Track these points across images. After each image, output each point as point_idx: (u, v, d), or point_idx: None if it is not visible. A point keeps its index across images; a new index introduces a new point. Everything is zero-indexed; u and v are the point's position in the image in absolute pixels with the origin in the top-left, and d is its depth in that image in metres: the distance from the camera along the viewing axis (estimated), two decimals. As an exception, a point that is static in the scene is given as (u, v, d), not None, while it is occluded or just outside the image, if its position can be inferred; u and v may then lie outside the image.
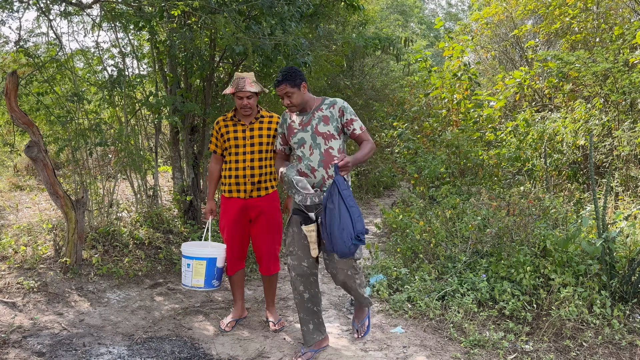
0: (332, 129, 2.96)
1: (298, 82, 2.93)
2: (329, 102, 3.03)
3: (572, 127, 6.48)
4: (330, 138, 2.96)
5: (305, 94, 2.99)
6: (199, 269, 3.24)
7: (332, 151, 2.95)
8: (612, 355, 3.09)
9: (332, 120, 2.98)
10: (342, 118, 3.02)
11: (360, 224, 2.75)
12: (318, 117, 2.98)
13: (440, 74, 7.87)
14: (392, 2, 18.36)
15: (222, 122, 3.42)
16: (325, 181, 2.95)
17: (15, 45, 4.57)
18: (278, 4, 4.44)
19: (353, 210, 2.74)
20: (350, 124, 3.03)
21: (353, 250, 2.77)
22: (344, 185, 2.77)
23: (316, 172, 2.95)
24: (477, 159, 6.86)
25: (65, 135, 5.00)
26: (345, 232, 2.72)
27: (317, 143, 2.95)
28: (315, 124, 2.97)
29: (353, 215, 2.73)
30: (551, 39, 9.80)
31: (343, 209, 2.73)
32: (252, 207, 3.37)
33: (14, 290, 3.75)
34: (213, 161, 3.52)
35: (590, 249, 3.65)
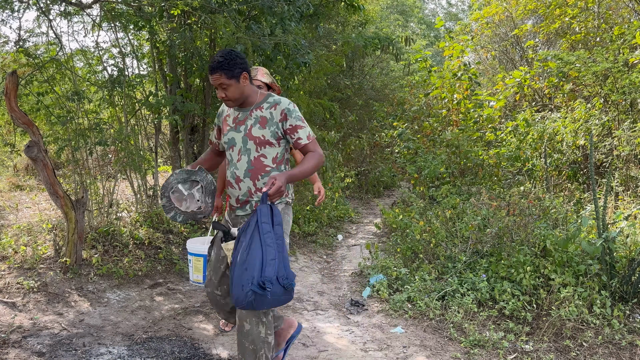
0: (268, 134, 2.41)
1: (237, 73, 2.36)
2: (272, 102, 2.46)
3: (572, 127, 6.47)
4: (264, 144, 2.41)
5: (245, 86, 2.42)
6: (198, 265, 3.25)
7: (265, 160, 2.42)
8: (612, 355, 3.09)
9: (270, 124, 2.42)
10: (285, 123, 2.43)
11: (270, 269, 2.13)
12: (255, 118, 2.44)
13: (440, 73, 7.88)
14: (392, 2, 18.35)
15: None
16: (252, 195, 2.43)
17: (15, 45, 4.56)
18: (278, 4, 4.44)
19: (268, 250, 2.16)
20: (294, 131, 2.43)
21: (250, 298, 2.12)
22: (266, 217, 2.21)
23: (241, 183, 2.42)
24: (477, 159, 6.86)
25: (65, 135, 5.00)
26: (247, 274, 2.13)
27: (247, 148, 2.42)
28: (249, 125, 2.44)
29: (266, 256, 2.15)
30: (551, 39, 9.80)
31: (256, 245, 2.17)
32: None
33: (14, 290, 3.75)
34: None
35: (591, 249, 3.65)
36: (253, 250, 2.17)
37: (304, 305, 3.98)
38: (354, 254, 5.51)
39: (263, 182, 2.42)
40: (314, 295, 4.22)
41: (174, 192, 2.46)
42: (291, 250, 5.42)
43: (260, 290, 2.10)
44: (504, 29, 10.57)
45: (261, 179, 2.43)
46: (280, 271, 2.18)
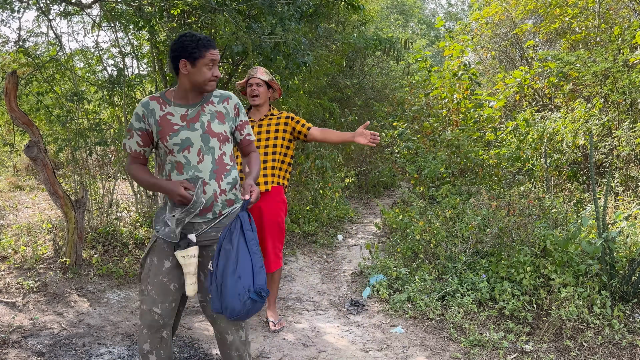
0: (227, 129, 2.28)
1: (175, 63, 2.21)
2: (221, 95, 2.33)
3: (572, 127, 6.47)
4: (225, 141, 2.27)
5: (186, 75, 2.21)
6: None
7: (225, 158, 2.26)
8: (612, 355, 3.08)
9: (228, 118, 2.30)
10: (237, 118, 2.35)
11: (261, 277, 2.08)
12: (210, 112, 2.26)
13: (440, 73, 7.87)
14: (392, 2, 18.34)
15: None
16: (217, 198, 2.21)
17: (15, 45, 4.56)
18: (278, 4, 4.44)
19: (255, 257, 2.10)
20: (244, 126, 2.37)
21: (248, 307, 2.05)
22: (248, 225, 2.13)
23: (207, 186, 2.19)
24: (477, 158, 6.86)
25: (65, 135, 5.00)
26: (242, 283, 2.04)
27: (211, 147, 2.21)
28: (207, 121, 2.23)
29: (255, 263, 2.08)
30: (551, 39, 9.80)
31: (243, 252, 2.08)
32: (255, 206, 3.32)
33: (13, 290, 3.75)
34: None
35: (591, 249, 3.65)
36: (242, 258, 2.08)
37: (304, 305, 3.98)
38: (354, 254, 5.51)
39: (226, 182, 2.23)
40: (314, 295, 4.22)
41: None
42: (291, 250, 5.42)
43: (259, 298, 2.06)
44: (504, 29, 10.57)
45: (224, 179, 2.23)
46: (261, 278, 2.12)
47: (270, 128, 3.36)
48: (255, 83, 3.32)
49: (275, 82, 3.43)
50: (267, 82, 3.38)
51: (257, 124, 3.37)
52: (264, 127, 3.36)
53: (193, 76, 2.18)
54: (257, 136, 3.35)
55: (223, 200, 2.23)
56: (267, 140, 3.34)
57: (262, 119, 3.39)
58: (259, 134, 3.35)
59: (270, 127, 3.36)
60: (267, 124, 3.37)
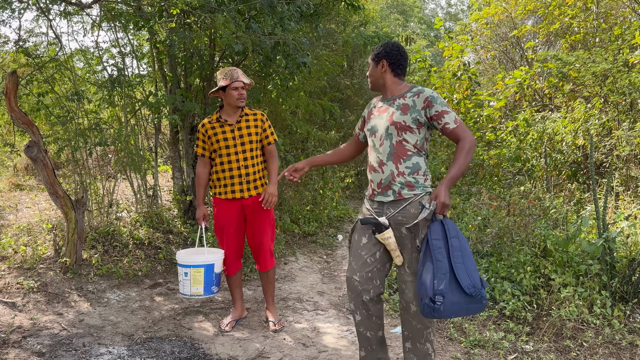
0: (409, 120, 2.53)
1: (376, 59, 2.62)
2: (415, 91, 2.57)
3: (572, 127, 6.47)
4: (405, 130, 2.54)
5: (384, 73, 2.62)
6: (197, 277, 3.22)
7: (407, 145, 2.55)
8: (612, 356, 3.08)
9: (412, 110, 2.55)
10: (429, 110, 2.57)
11: (442, 283, 2.26)
12: (397, 105, 2.57)
13: (440, 74, 7.87)
14: (392, 2, 18.35)
15: (208, 125, 3.38)
16: (394, 179, 2.51)
17: (15, 45, 4.56)
18: (278, 4, 4.44)
19: (440, 265, 2.30)
20: (441, 117, 2.58)
21: (428, 311, 2.28)
22: (436, 234, 2.36)
23: (384, 166, 2.55)
24: (477, 159, 6.86)
25: (65, 135, 5.00)
26: (422, 288, 2.30)
27: (389, 133, 2.54)
28: (392, 112, 2.58)
29: (439, 271, 2.29)
30: (551, 39, 9.81)
31: (428, 261, 2.34)
32: (247, 205, 3.38)
33: (13, 290, 3.75)
34: (200, 165, 3.47)
35: (591, 249, 3.65)
36: (426, 267, 2.32)
37: (304, 305, 3.98)
38: (354, 254, 5.50)
39: (405, 166, 2.48)
40: (314, 295, 4.22)
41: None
42: (291, 250, 5.42)
43: (431, 304, 2.25)
44: (504, 29, 10.57)
45: (403, 162, 2.49)
46: (463, 280, 2.29)
47: (250, 130, 3.37)
48: (241, 87, 3.29)
49: (252, 82, 3.43)
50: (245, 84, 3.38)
51: (237, 127, 3.35)
52: (244, 130, 3.36)
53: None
54: (240, 139, 3.33)
55: (401, 182, 2.49)
56: (251, 144, 3.36)
57: (239, 120, 3.37)
58: (240, 137, 3.34)
59: (250, 128, 3.37)
60: (245, 126, 3.37)
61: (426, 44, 16.16)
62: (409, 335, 2.57)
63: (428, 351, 2.56)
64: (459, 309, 2.29)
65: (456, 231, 2.37)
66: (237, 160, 3.33)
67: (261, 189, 3.40)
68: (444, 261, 2.31)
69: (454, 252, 2.32)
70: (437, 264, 2.30)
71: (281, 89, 5.60)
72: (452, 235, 2.35)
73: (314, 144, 7.33)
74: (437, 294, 2.24)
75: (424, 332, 2.54)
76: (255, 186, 3.38)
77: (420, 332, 2.54)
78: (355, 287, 2.58)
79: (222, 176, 3.37)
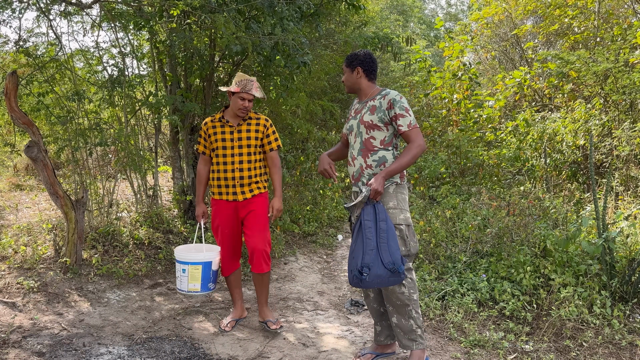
0: (376, 119, 2.83)
1: (352, 66, 2.90)
2: (383, 93, 2.89)
3: (572, 127, 6.47)
4: (372, 128, 2.86)
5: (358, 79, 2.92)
6: (195, 274, 3.24)
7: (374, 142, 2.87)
8: (612, 355, 3.09)
9: (378, 111, 2.86)
10: (391, 111, 2.88)
11: (368, 257, 2.63)
12: (368, 107, 2.88)
13: (440, 74, 7.87)
14: (392, 2, 18.35)
15: (210, 123, 3.40)
16: (363, 171, 2.85)
17: (15, 45, 4.56)
18: (278, 4, 4.44)
19: (368, 242, 2.65)
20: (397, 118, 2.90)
21: (356, 282, 2.67)
22: (368, 216, 2.69)
23: (355, 160, 2.90)
24: (477, 159, 6.86)
25: (65, 135, 5.00)
26: (353, 262, 2.68)
27: (360, 131, 2.88)
28: (363, 113, 2.90)
29: (366, 247, 2.65)
30: (551, 39, 9.81)
31: (359, 239, 2.69)
32: (242, 207, 3.38)
33: (14, 290, 3.75)
34: (201, 163, 3.50)
35: (591, 249, 3.65)
36: (357, 243, 2.68)
37: (304, 305, 3.98)
38: (354, 254, 5.50)
39: (372, 159, 2.80)
40: (314, 295, 4.22)
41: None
42: (291, 250, 5.42)
43: (359, 275, 2.62)
44: (504, 29, 10.57)
45: (370, 156, 2.81)
46: (385, 257, 2.61)
47: (250, 134, 3.35)
48: (248, 99, 3.28)
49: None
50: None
51: (237, 130, 3.34)
52: (244, 133, 3.34)
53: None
54: (238, 142, 3.33)
55: (369, 173, 2.81)
56: (249, 148, 3.34)
57: (241, 123, 3.36)
58: (239, 140, 3.33)
59: (250, 132, 3.35)
60: (246, 129, 3.35)
61: (426, 44, 16.16)
62: (393, 310, 2.85)
63: (412, 327, 2.82)
64: (380, 281, 2.64)
65: (385, 215, 2.70)
66: (233, 162, 3.33)
67: (257, 191, 3.39)
68: (372, 239, 2.65)
69: (381, 234, 2.65)
70: (367, 241, 2.65)
71: (281, 89, 5.60)
72: (381, 219, 2.68)
73: (314, 144, 7.34)
74: (364, 266, 2.61)
75: (405, 309, 2.80)
76: (251, 189, 3.37)
77: (402, 308, 2.80)
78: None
79: (217, 176, 3.38)
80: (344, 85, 2.98)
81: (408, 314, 2.80)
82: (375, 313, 3.01)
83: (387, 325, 3.01)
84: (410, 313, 2.80)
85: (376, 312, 3.01)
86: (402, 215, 2.79)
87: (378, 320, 3.02)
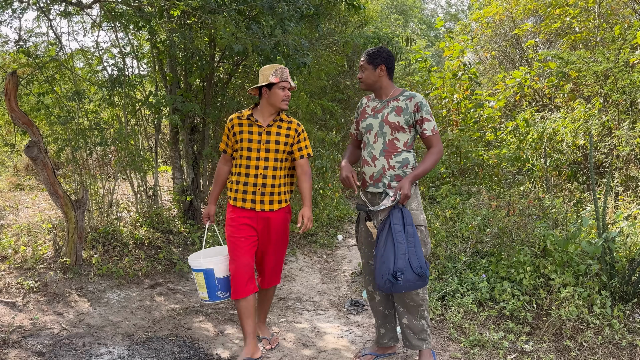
0: (402, 121, 2.79)
1: (375, 63, 2.82)
2: (407, 95, 2.85)
3: (572, 127, 6.47)
4: (397, 129, 2.81)
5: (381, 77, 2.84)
6: (200, 282, 3.03)
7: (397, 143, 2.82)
8: (612, 355, 3.09)
9: (405, 113, 2.81)
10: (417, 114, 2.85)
11: (401, 262, 2.59)
12: (392, 107, 2.82)
13: (440, 74, 7.88)
14: (392, 2, 18.36)
15: (237, 120, 3.00)
16: (385, 172, 2.79)
17: (15, 45, 4.56)
18: (278, 4, 4.44)
19: (400, 246, 2.62)
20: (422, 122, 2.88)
21: (388, 285, 2.61)
22: (397, 220, 2.67)
23: (376, 161, 2.82)
24: (477, 159, 6.86)
25: (65, 135, 5.00)
26: (384, 267, 2.62)
27: (383, 132, 2.81)
28: (386, 113, 2.83)
29: (398, 251, 2.61)
30: (551, 39, 9.81)
31: (389, 242, 2.65)
32: (262, 219, 2.98)
33: (14, 290, 3.75)
34: (221, 161, 3.14)
35: (591, 249, 3.65)
36: (388, 247, 2.64)
37: (304, 305, 3.98)
38: (354, 254, 5.51)
39: (395, 160, 2.77)
40: (314, 295, 4.22)
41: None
42: (291, 250, 5.42)
43: (394, 280, 2.59)
44: (504, 29, 10.57)
45: (394, 157, 2.78)
46: (414, 262, 2.61)
47: (280, 138, 2.96)
48: (288, 87, 2.96)
49: (294, 88, 3.09)
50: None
51: (266, 131, 2.95)
52: (273, 136, 2.95)
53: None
54: (266, 145, 2.94)
55: (391, 175, 2.78)
56: (277, 153, 2.95)
57: (271, 124, 2.97)
58: (267, 143, 2.94)
59: (280, 136, 2.96)
60: (276, 132, 2.97)
61: (426, 44, 16.16)
62: (404, 311, 2.84)
63: (423, 327, 2.83)
64: (409, 285, 2.63)
65: (411, 219, 2.70)
66: (257, 167, 2.94)
67: (277, 205, 2.99)
68: (403, 243, 2.64)
69: (409, 238, 2.65)
70: (398, 245, 2.62)
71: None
72: (408, 223, 2.67)
73: (314, 144, 7.33)
74: (398, 271, 2.58)
75: (417, 310, 2.81)
76: (271, 201, 2.97)
77: (415, 309, 2.81)
78: (372, 270, 2.89)
79: (236, 180, 2.99)
80: (360, 81, 2.89)
81: (420, 314, 2.82)
82: (381, 316, 3.01)
83: (392, 327, 3.02)
84: (422, 313, 2.82)
85: (382, 314, 3.00)
86: (422, 216, 2.81)
87: (382, 322, 3.01)
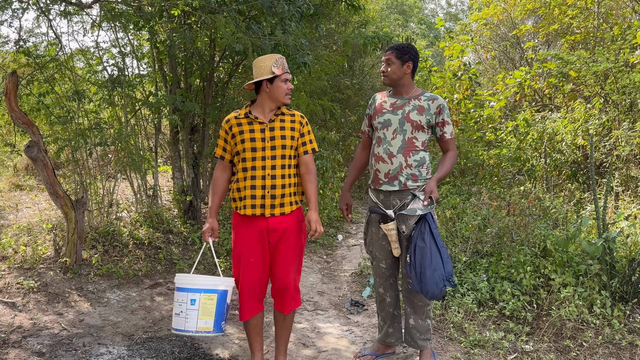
0: (424, 120, 2.79)
1: (404, 59, 2.80)
2: (429, 96, 2.86)
3: (572, 127, 6.48)
4: (418, 129, 2.80)
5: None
6: (208, 306, 2.47)
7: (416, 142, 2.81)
8: (612, 355, 3.09)
9: (427, 113, 2.80)
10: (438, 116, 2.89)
11: (449, 265, 2.64)
12: (413, 105, 2.81)
13: (441, 74, 7.88)
14: (392, 2, 18.36)
15: (234, 120, 2.68)
16: (402, 170, 2.77)
17: (15, 45, 4.56)
18: (278, 4, 4.44)
19: (443, 250, 2.65)
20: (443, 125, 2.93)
21: (444, 291, 2.65)
22: (434, 224, 2.68)
23: (394, 158, 2.80)
24: (477, 159, 6.86)
25: (65, 135, 5.00)
26: (437, 273, 2.61)
27: (403, 129, 2.79)
28: (407, 110, 2.81)
29: (443, 255, 2.64)
30: (551, 39, 9.81)
31: (434, 248, 2.63)
32: (274, 228, 2.64)
33: (14, 290, 3.75)
34: (218, 169, 2.76)
35: (591, 249, 3.65)
36: (434, 252, 2.63)
37: (304, 305, 3.98)
38: (354, 254, 5.51)
39: (413, 159, 2.76)
40: (314, 295, 4.22)
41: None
42: (291, 250, 5.41)
43: (450, 285, 2.63)
44: (504, 29, 10.58)
45: (412, 156, 2.77)
46: (447, 267, 2.67)
47: (285, 133, 2.67)
48: (290, 79, 2.73)
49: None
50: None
51: (268, 127, 2.66)
52: (277, 131, 2.66)
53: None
54: (271, 142, 2.63)
55: (408, 173, 2.77)
56: (284, 149, 2.65)
57: (273, 119, 2.68)
58: (272, 140, 2.64)
59: (285, 130, 2.68)
60: (279, 126, 2.68)
61: (426, 44, 16.16)
62: (411, 311, 2.88)
63: (428, 327, 2.89)
64: (442, 290, 2.66)
65: (436, 224, 2.73)
66: (264, 167, 2.62)
67: (289, 208, 2.66)
68: (443, 246, 2.66)
69: (439, 242, 2.68)
70: (442, 250, 2.64)
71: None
72: (434, 227, 2.69)
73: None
74: (449, 274, 2.62)
75: (424, 309, 2.86)
76: (282, 203, 2.64)
77: (422, 308, 2.85)
78: (384, 273, 2.94)
79: (242, 186, 2.64)
80: (384, 75, 2.85)
81: (427, 314, 2.86)
82: (390, 316, 3.03)
83: (399, 327, 3.04)
84: (429, 313, 2.88)
85: (391, 315, 3.02)
86: (435, 217, 2.84)
87: (391, 322, 3.03)
